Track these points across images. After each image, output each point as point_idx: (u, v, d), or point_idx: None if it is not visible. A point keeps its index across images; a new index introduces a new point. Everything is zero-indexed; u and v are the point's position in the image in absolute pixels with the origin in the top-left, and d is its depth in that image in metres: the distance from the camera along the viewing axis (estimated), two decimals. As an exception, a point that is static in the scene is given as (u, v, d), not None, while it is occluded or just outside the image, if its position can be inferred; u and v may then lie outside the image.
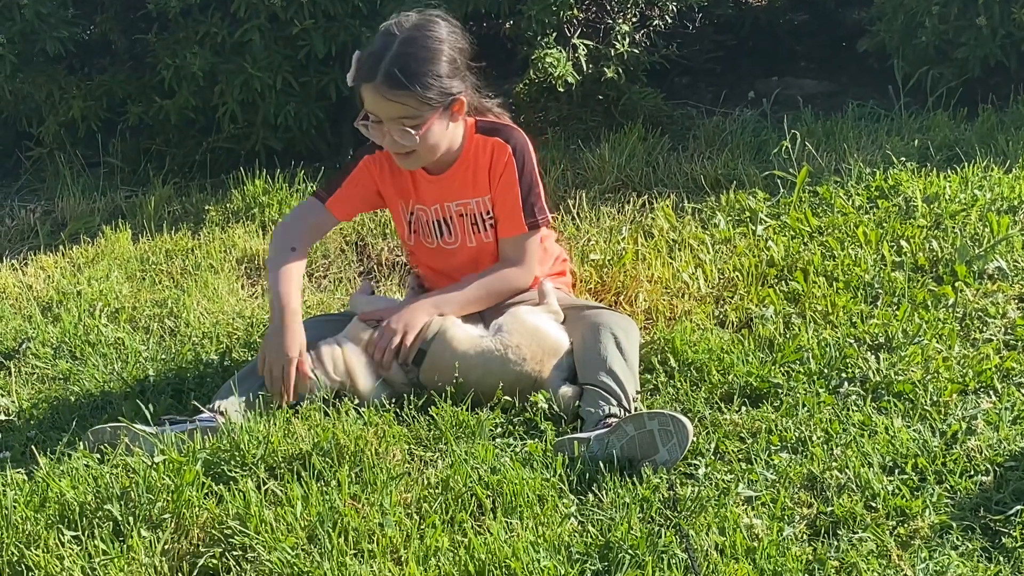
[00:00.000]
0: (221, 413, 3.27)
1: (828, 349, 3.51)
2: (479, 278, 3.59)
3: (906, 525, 2.77)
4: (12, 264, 4.79)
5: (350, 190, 3.65)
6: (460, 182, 3.57)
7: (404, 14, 3.44)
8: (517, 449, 3.13)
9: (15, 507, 2.91)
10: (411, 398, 3.33)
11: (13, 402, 3.63)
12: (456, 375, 3.34)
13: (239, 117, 5.45)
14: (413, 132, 3.36)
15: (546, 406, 3.28)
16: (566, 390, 3.33)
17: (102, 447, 3.19)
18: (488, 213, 3.59)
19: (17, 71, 5.48)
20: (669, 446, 3.02)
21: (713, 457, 3.07)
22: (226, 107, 5.42)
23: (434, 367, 3.39)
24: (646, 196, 4.87)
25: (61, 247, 4.92)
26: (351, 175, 3.65)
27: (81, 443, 3.24)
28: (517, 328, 3.42)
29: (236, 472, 3.01)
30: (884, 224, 4.34)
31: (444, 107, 3.39)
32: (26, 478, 3.12)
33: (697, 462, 3.04)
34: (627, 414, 3.18)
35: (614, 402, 3.22)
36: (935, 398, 3.26)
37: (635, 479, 2.96)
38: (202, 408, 3.32)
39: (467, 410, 3.25)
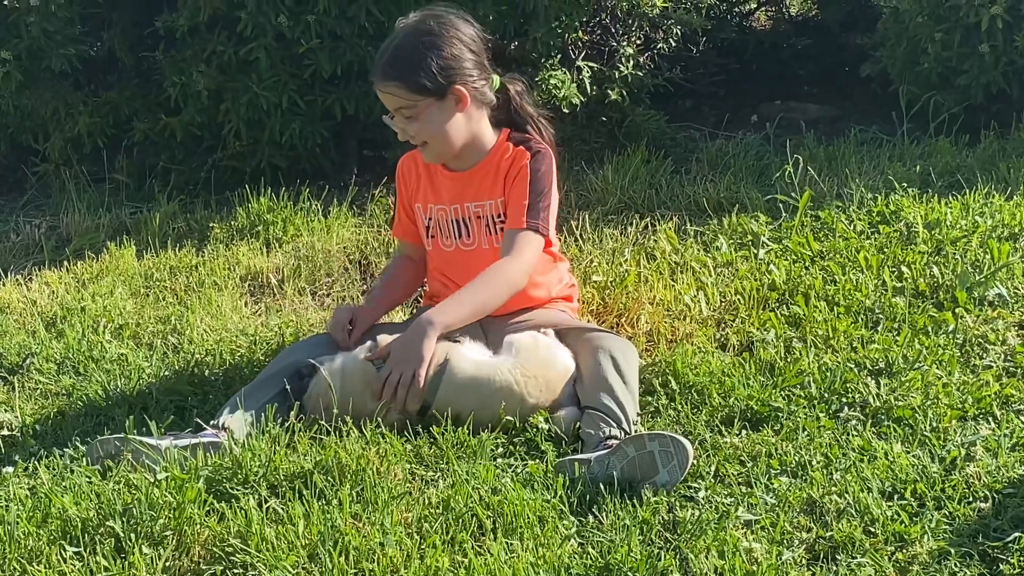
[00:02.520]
0: (224, 429, 3.29)
1: (828, 374, 3.52)
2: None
3: (904, 551, 2.77)
4: (17, 279, 4.80)
5: (400, 213, 3.89)
6: (479, 183, 3.66)
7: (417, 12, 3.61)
8: (518, 470, 3.14)
9: (17, 523, 2.92)
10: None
11: (16, 417, 3.64)
12: (466, 408, 3.34)
13: (244, 135, 5.47)
14: (408, 120, 3.52)
15: (547, 427, 3.30)
16: (566, 412, 3.34)
17: (107, 462, 3.19)
18: (500, 216, 3.64)
19: (24, 87, 5.51)
20: (669, 467, 3.03)
21: (713, 480, 3.08)
22: (232, 125, 5.44)
23: (443, 408, 3.35)
24: (649, 218, 4.89)
25: (66, 263, 4.93)
26: (397, 196, 3.88)
27: (84, 457, 3.25)
28: (532, 357, 3.40)
29: (238, 490, 3.02)
30: (885, 249, 4.35)
31: (440, 96, 3.51)
32: (28, 493, 3.13)
33: (697, 485, 3.05)
34: (627, 436, 3.19)
35: (614, 424, 3.23)
36: (935, 424, 3.27)
37: (635, 501, 2.97)
38: (205, 425, 3.33)
39: (468, 430, 3.26)
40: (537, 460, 3.18)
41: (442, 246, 3.74)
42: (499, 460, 3.18)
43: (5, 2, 5.30)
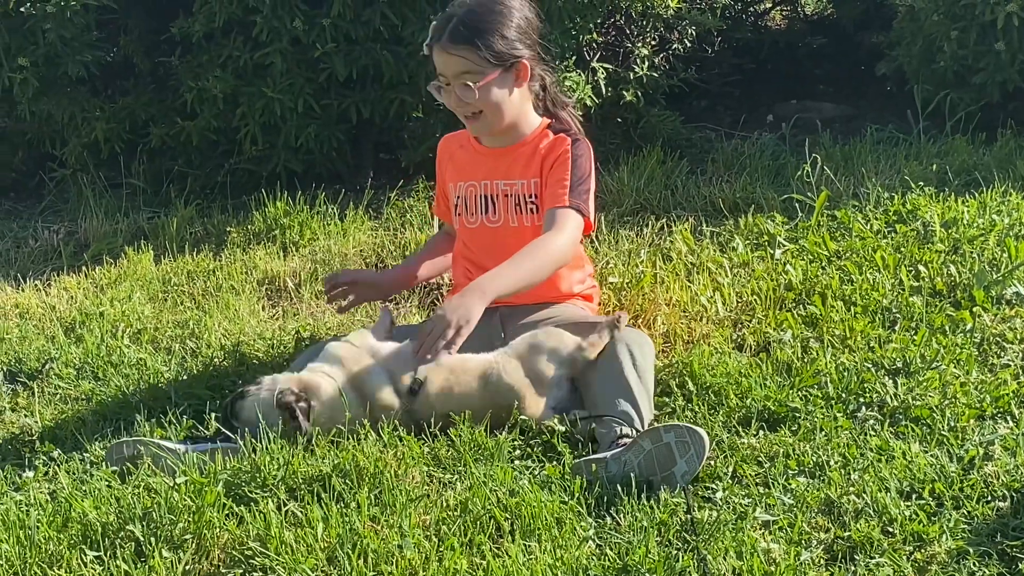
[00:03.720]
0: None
1: (846, 374, 3.52)
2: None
3: (923, 550, 2.77)
4: (36, 285, 4.83)
5: (439, 194, 4.00)
6: (512, 162, 3.69)
7: None
8: (535, 472, 3.14)
9: (38, 527, 2.94)
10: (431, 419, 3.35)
11: (36, 422, 3.66)
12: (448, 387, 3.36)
13: (260, 139, 5.49)
14: (472, 86, 3.50)
15: (563, 429, 3.30)
16: (580, 412, 3.35)
17: (126, 465, 3.21)
18: (532, 196, 3.67)
19: (41, 94, 5.53)
20: (687, 457, 3.03)
21: (731, 481, 3.08)
22: (247, 129, 5.46)
23: (432, 390, 3.36)
24: (664, 219, 4.89)
25: (84, 268, 4.96)
26: (437, 177, 3.97)
27: (104, 461, 3.27)
28: (516, 349, 3.45)
29: (257, 493, 3.03)
30: (902, 249, 4.35)
31: (505, 68, 3.53)
32: (49, 498, 3.15)
33: (715, 486, 3.05)
34: (642, 430, 3.19)
35: (626, 422, 3.23)
36: (952, 423, 3.26)
37: (653, 502, 2.97)
38: (224, 429, 3.34)
39: (485, 431, 3.26)
40: (554, 462, 3.18)
41: (466, 223, 3.78)
42: (516, 462, 3.19)
43: (22, 9, 5.32)
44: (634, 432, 3.19)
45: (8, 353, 4.12)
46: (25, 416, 3.72)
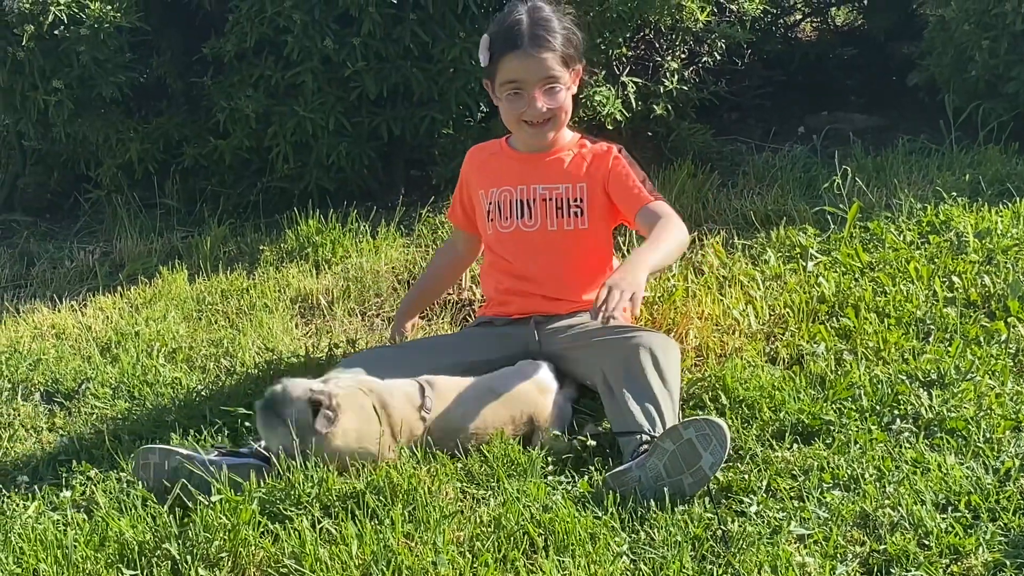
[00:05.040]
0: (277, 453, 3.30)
1: (880, 386, 3.50)
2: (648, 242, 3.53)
3: (960, 563, 2.75)
4: (72, 305, 4.87)
5: (456, 200, 4.03)
6: (551, 167, 3.76)
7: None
8: (568, 487, 3.15)
9: (76, 547, 2.96)
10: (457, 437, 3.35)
11: (73, 442, 3.69)
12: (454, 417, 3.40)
13: (292, 158, 5.52)
14: (559, 90, 3.62)
15: (595, 444, 3.30)
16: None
17: (165, 482, 3.22)
18: (577, 200, 3.72)
19: (75, 115, 5.58)
20: (711, 448, 3.03)
21: (765, 495, 3.07)
22: (279, 148, 5.49)
23: (458, 407, 3.41)
24: (696, 233, 4.87)
25: (119, 288, 4.99)
26: (458, 184, 3.99)
27: (136, 481, 3.29)
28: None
29: (291, 511, 3.04)
30: (936, 259, 4.32)
31: (575, 72, 3.68)
32: (86, 517, 3.17)
33: (749, 500, 3.04)
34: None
35: (647, 428, 3.22)
36: (988, 435, 3.24)
37: (687, 517, 2.96)
38: (259, 448, 3.35)
39: (518, 444, 3.27)
40: (586, 477, 3.18)
41: (500, 227, 3.80)
42: (549, 477, 3.19)
43: (56, 32, 5.37)
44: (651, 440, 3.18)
45: (45, 373, 4.15)
46: (62, 436, 3.76)
